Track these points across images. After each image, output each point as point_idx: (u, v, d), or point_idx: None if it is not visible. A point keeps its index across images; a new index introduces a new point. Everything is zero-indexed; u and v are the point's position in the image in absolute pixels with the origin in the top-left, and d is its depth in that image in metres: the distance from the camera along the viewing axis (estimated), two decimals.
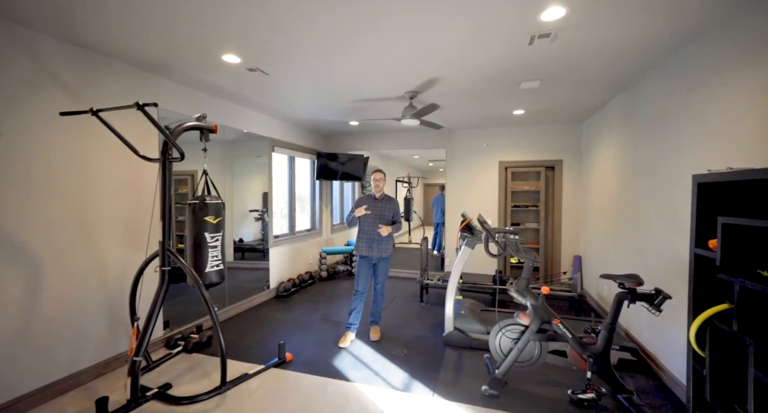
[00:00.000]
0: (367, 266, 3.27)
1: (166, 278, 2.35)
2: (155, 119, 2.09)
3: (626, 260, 3.26)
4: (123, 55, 2.56)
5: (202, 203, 2.49)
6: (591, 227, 4.41)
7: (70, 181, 2.37)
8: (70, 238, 2.36)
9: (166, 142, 2.31)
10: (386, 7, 1.90)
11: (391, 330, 3.50)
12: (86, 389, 2.37)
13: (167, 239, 2.35)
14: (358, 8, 1.91)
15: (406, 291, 4.89)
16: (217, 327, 2.30)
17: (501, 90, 3.37)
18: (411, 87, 3.28)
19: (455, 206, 5.43)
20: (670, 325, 2.45)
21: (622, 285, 2.21)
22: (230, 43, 2.37)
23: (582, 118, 4.54)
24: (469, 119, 4.63)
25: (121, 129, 2.35)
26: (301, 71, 2.90)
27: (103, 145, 2.54)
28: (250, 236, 4.61)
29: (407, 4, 1.87)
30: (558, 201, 5.02)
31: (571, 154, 4.94)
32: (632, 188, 3.17)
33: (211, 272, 2.56)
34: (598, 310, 3.99)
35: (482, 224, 2.54)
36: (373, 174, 3.29)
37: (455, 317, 3.21)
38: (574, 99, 3.68)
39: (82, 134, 2.43)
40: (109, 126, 2.22)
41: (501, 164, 5.21)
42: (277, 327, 3.55)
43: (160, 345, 3.01)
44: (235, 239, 4.48)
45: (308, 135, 5.51)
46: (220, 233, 2.60)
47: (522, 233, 5.22)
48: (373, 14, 1.97)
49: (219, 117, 3.68)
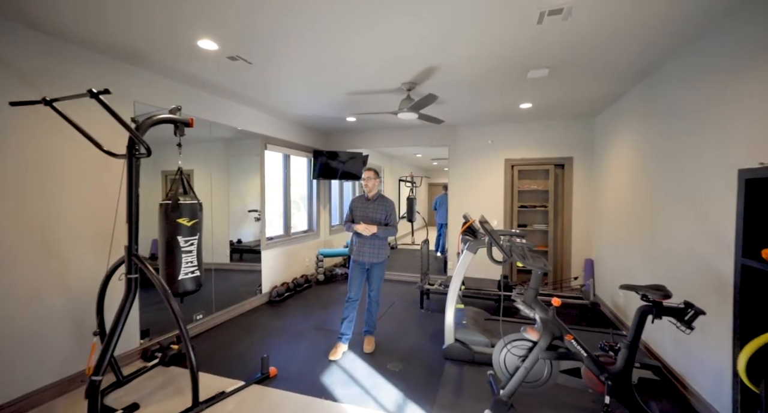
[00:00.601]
0: (360, 272, 3.01)
1: (133, 287, 2.13)
2: (112, 109, 1.86)
3: (646, 266, 2.96)
4: (90, 42, 2.34)
5: (175, 203, 2.27)
6: (604, 229, 4.10)
7: (26, 179, 2.15)
8: (26, 241, 2.14)
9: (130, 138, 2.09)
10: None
11: (387, 341, 3.24)
12: (45, 410, 2.15)
13: (134, 243, 2.12)
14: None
15: (406, 297, 4.63)
16: (187, 341, 2.06)
17: (506, 80, 3.09)
18: (408, 77, 3.02)
19: (458, 206, 5.15)
20: (700, 342, 2.15)
21: (645, 298, 1.92)
22: (205, 26, 2.13)
23: (595, 112, 4.23)
24: (473, 114, 4.35)
25: (92, 122, 2.14)
26: (287, 60, 2.66)
27: (66, 140, 2.31)
28: (249, 237, 4.45)
29: None
30: (568, 201, 4.72)
31: (582, 151, 4.63)
32: (652, 186, 2.87)
33: (185, 280, 2.34)
34: (613, 320, 3.69)
35: (483, 226, 2.27)
36: (363, 173, 3.03)
37: (456, 327, 2.94)
38: (586, 90, 3.38)
39: (41, 128, 2.21)
40: (66, 118, 2.00)
41: (507, 162, 4.91)
42: (265, 336, 3.32)
43: (136, 357, 2.79)
44: (233, 240, 4.28)
45: (304, 132, 5.27)
46: (195, 236, 2.38)
47: (529, 236, 4.92)
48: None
49: (205, 112, 3.46)
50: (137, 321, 2.84)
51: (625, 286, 2.01)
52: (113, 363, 2.36)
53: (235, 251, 4.34)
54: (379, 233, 2.90)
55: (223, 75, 2.95)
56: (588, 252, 4.60)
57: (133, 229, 2.12)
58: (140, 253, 2.16)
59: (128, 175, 2.09)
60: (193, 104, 3.32)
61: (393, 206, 3.04)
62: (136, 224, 2.13)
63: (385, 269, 3.09)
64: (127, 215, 2.10)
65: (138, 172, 2.13)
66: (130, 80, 2.74)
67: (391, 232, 2.97)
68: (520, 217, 4.96)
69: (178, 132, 2.33)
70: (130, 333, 2.79)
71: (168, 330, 3.16)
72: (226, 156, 4.18)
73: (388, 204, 3.02)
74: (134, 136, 1.97)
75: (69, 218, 2.37)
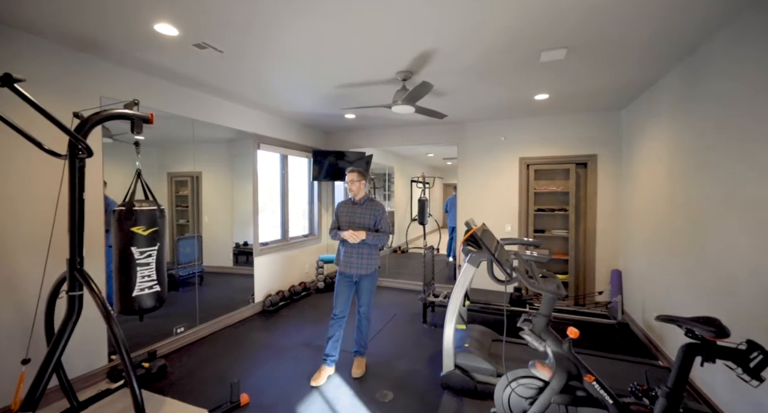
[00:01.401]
0: (346, 286, 2.67)
1: (76, 306, 1.87)
2: (31, 98, 1.59)
3: (690, 288, 2.47)
4: (44, 31, 2.12)
5: (129, 210, 2.00)
6: (635, 236, 3.58)
7: None
8: None
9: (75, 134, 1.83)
10: None
11: (380, 362, 2.88)
12: None
13: (77, 255, 1.87)
14: None
15: (409, 308, 4.25)
16: (130, 372, 1.77)
17: (517, 65, 2.67)
18: (403, 65, 2.66)
19: (468, 210, 4.73)
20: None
21: (691, 333, 1.48)
22: (158, 7, 1.85)
23: (623, 102, 3.71)
24: (482, 107, 3.93)
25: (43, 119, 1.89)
26: (262, 48, 2.36)
27: (16, 139, 2.09)
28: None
29: None
30: (591, 204, 4.21)
31: (608, 147, 4.11)
32: (695, 190, 2.38)
33: (142, 296, 2.06)
34: (646, 343, 3.18)
35: (480, 239, 1.87)
36: (347, 174, 2.70)
37: (457, 351, 2.55)
38: (612, 76, 2.91)
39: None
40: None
41: (522, 161, 4.45)
42: (247, 354, 3.03)
43: (102, 377, 2.56)
44: (239, 243, 4.09)
45: (303, 132, 4.99)
46: (154, 246, 2.10)
47: (547, 242, 4.44)
48: None
49: (185, 109, 3.22)
50: (104, 336, 2.62)
51: (664, 317, 1.57)
52: (67, 387, 2.12)
53: (241, 253, 4.15)
54: (369, 240, 2.55)
55: (196, 66, 2.68)
56: (615, 262, 4.08)
57: (77, 239, 1.86)
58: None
59: (70, 178, 1.84)
60: (172, 101, 3.08)
61: (383, 210, 2.68)
62: (80, 233, 1.87)
63: (375, 281, 2.74)
64: (70, 223, 1.85)
65: (83, 174, 1.87)
66: (96, 74, 2.52)
67: (382, 239, 2.61)
68: (537, 221, 4.48)
69: (135, 129, 2.06)
70: (97, 350, 2.56)
71: (148, 344, 2.93)
72: (230, 157, 4.02)
73: (377, 208, 2.67)
74: (66, 131, 1.71)
75: (16, 225, 2.15)
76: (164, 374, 2.66)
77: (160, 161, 3.54)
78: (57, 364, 1.76)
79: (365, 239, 2.55)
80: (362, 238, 2.52)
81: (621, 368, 2.49)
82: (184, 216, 4.02)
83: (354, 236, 2.51)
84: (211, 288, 4.03)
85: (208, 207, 3.96)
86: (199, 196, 3.90)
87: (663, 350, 2.85)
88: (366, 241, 2.56)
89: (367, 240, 2.55)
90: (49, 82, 2.27)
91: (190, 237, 3.96)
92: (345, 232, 2.55)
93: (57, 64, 2.30)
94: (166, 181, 3.69)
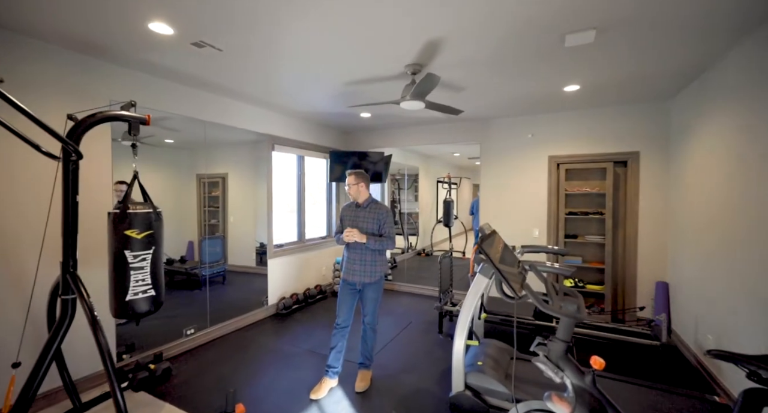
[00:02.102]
0: (350, 294, 2.51)
1: (69, 310, 1.86)
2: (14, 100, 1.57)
3: (754, 305, 2.06)
4: (44, 34, 2.14)
5: (123, 213, 1.97)
6: (686, 243, 3.12)
7: None
8: None
9: (68, 136, 1.82)
10: None
11: (386, 375, 2.70)
12: None
13: (70, 258, 1.86)
14: None
15: (427, 315, 4.03)
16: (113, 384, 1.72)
17: (538, 53, 2.38)
18: (411, 58, 2.46)
19: (492, 213, 4.41)
20: None
21: (756, 377, 1.17)
22: (152, 5, 1.80)
23: (670, 91, 3.26)
24: (505, 103, 3.62)
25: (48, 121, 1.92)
26: (262, 45, 2.27)
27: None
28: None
29: None
30: (632, 207, 3.75)
31: (652, 143, 3.64)
32: (765, 190, 1.98)
33: (137, 301, 2.02)
34: (698, 368, 2.74)
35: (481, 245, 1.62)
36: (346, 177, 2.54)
37: (468, 370, 2.31)
38: (655, 61, 2.52)
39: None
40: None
41: (552, 160, 4.07)
42: (252, 359, 2.96)
43: None
44: (263, 243, 4.15)
45: (321, 132, 4.91)
46: (149, 250, 2.05)
47: (580, 249, 4.04)
48: None
49: (197, 111, 3.22)
50: (113, 337, 2.65)
51: (719, 353, 1.25)
52: (70, 387, 2.14)
53: (264, 253, 4.17)
54: (371, 244, 2.38)
55: (202, 66, 2.64)
56: (661, 273, 3.60)
57: (70, 242, 1.85)
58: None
59: (64, 180, 1.83)
60: (181, 103, 3.09)
61: (388, 213, 2.50)
62: (73, 236, 1.86)
63: (380, 290, 2.56)
64: (63, 226, 1.84)
65: (76, 177, 1.86)
66: (104, 77, 2.55)
67: (387, 244, 2.43)
68: (569, 226, 4.08)
69: (132, 131, 2.04)
70: None
71: (156, 345, 2.96)
72: (254, 158, 4.05)
73: (381, 211, 2.49)
74: (52, 133, 1.68)
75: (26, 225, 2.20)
76: (168, 377, 2.64)
77: (190, 163, 3.68)
78: (47, 369, 1.75)
79: (367, 244, 2.38)
80: (361, 239, 2.36)
81: (665, 401, 2.13)
82: (215, 216, 4.11)
83: (350, 234, 2.35)
84: (232, 288, 4.07)
85: (233, 208, 4.03)
86: (225, 197, 4.00)
87: (721, 382, 2.42)
88: (368, 246, 2.39)
89: (368, 245, 2.39)
90: (58, 86, 2.32)
91: (213, 237, 4.03)
92: (346, 232, 2.41)
93: (65, 67, 2.35)
94: (195, 182, 3.79)
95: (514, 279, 1.54)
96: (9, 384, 1.72)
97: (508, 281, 1.51)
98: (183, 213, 3.57)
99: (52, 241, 2.11)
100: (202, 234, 3.89)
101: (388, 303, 4.51)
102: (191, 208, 3.73)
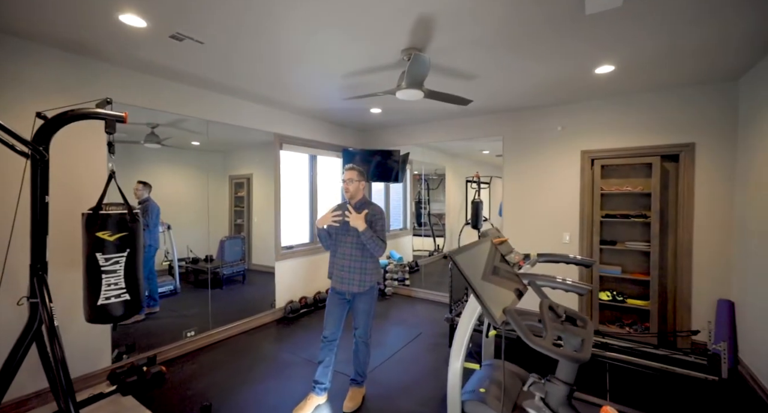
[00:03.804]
0: (338, 305, 2.29)
1: (38, 315, 1.81)
2: None
3: None
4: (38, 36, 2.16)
5: (95, 214, 1.90)
6: (758, 253, 2.54)
7: None
8: None
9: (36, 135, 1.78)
10: None
11: (382, 395, 2.44)
12: None
13: (38, 261, 1.81)
14: None
15: (438, 327, 3.70)
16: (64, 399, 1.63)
17: (554, 26, 2.00)
18: (404, 41, 2.19)
19: (516, 215, 3.99)
20: None
21: None
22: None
23: (738, 69, 2.67)
24: (527, 90, 3.21)
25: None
26: (240, 37, 2.12)
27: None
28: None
29: None
30: (686, 209, 3.16)
31: (712, 133, 3.04)
32: None
33: (110, 305, 1.94)
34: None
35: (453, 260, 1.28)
36: (344, 172, 2.31)
37: (467, 398, 1.98)
38: (715, 28, 2.03)
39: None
40: None
41: (585, 155, 3.57)
42: (246, 367, 2.84)
43: (102, 379, 2.57)
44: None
45: (333, 130, 4.75)
46: (122, 253, 1.97)
47: (619, 258, 3.50)
48: None
49: (198, 109, 3.18)
50: (108, 338, 2.64)
51: None
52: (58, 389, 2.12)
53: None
54: (366, 237, 2.13)
55: (187, 61, 2.53)
56: (723, 290, 2.99)
57: (38, 243, 1.80)
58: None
59: (32, 180, 1.79)
60: (181, 102, 3.05)
61: (381, 214, 2.24)
62: (42, 236, 1.82)
63: (373, 301, 2.30)
64: (32, 227, 1.80)
65: (46, 175, 1.81)
66: (102, 78, 2.55)
67: (377, 243, 2.15)
68: (605, 231, 3.55)
69: (107, 129, 1.97)
70: (100, 349, 2.59)
71: (162, 344, 2.94)
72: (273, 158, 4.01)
73: (374, 212, 2.23)
74: (11, 134, 1.63)
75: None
76: (160, 382, 2.58)
77: (224, 165, 3.83)
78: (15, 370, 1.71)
79: (362, 234, 2.13)
80: (360, 226, 2.11)
81: None
82: (241, 217, 4.14)
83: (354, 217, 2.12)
84: (250, 288, 4.07)
85: (257, 208, 4.04)
86: (250, 197, 4.01)
87: None
88: (363, 237, 2.13)
89: (364, 237, 2.13)
90: (55, 87, 2.33)
91: (235, 237, 4.06)
92: (319, 219, 2.24)
93: (58, 68, 2.36)
94: (227, 183, 3.86)
95: (497, 299, 1.23)
96: None
97: (483, 303, 1.19)
98: (214, 213, 3.61)
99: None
100: (230, 234, 3.94)
101: (401, 311, 4.24)
102: (223, 208, 3.78)
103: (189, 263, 3.65)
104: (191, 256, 3.64)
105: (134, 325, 3.09)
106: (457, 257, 1.29)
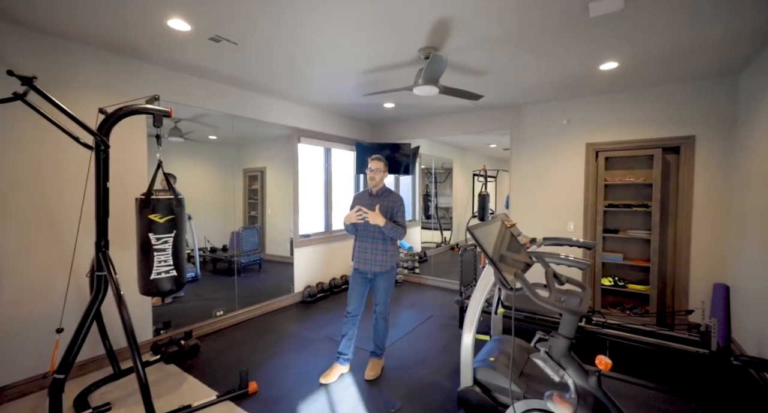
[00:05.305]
0: (361, 282, 2.52)
1: (102, 285, 2.07)
2: (49, 96, 1.76)
3: None
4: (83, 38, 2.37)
5: (147, 198, 2.14)
6: (753, 241, 2.72)
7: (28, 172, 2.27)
8: (30, 233, 2.28)
9: (99, 128, 2.02)
10: None
11: (399, 366, 2.68)
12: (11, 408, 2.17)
13: (102, 239, 2.06)
14: None
15: (448, 310, 3.93)
16: (135, 358, 1.89)
17: (561, 28, 2.18)
18: (422, 41, 2.38)
19: (523, 206, 4.18)
20: None
21: None
22: (170, 2, 1.93)
23: (738, 64, 2.82)
24: (535, 86, 3.38)
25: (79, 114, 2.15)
26: (272, 39, 2.33)
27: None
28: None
29: None
30: (686, 199, 3.33)
31: (712, 126, 3.19)
32: None
33: (161, 280, 2.19)
34: (764, 387, 2.38)
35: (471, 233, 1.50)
36: (370, 162, 2.51)
37: (478, 365, 2.21)
38: (714, 24, 2.19)
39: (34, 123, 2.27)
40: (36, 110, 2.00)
41: (590, 148, 3.74)
42: (272, 342, 3.09)
43: (146, 350, 2.84)
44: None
45: (347, 124, 4.96)
46: (171, 233, 2.21)
47: (622, 245, 3.69)
48: None
49: (226, 105, 3.40)
50: (149, 313, 2.91)
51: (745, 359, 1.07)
52: (111, 355, 2.39)
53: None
54: (387, 229, 2.36)
55: (222, 61, 2.76)
56: (719, 275, 3.17)
57: (102, 224, 2.05)
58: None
59: (96, 168, 2.03)
60: (212, 98, 3.28)
61: (401, 201, 2.45)
62: (104, 219, 2.06)
63: (392, 279, 2.53)
64: (96, 209, 2.05)
65: (107, 165, 2.06)
66: (140, 77, 2.78)
67: (398, 232, 2.38)
68: (608, 220, 3.73)
69: (155, 123, 2.20)
70: (143, 324, 2.85)
71: (189, 323, 3.20)
72: (291, 152, 4.24)
73: (394, 200, 2.45)
74: (82, 126, 1.87)
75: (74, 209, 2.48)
76: (196, 353, 2.84)
77: (238, 158, 4.01)
78: (84, 336, 1.97)
79: (383, 228, 2.35)
80: (381, 222, 2.33)
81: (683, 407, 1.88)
82: (255, 208, 4.38)
83: (373, 215, 2.32)
84: (266, 275, 4.32)
85: (271, 200, 4.28)
86: (264, 190, 4.25)
87: None
88: (384, 230, 2.36)
89: (384, 229, 2.36)
90: (100, 86, 2.57)
91: (251, 228, 4.30)
92: (349, 215, 2.42)
93: (104, 68, 2.59)
94: (242, 176, 4.09)
95: (508, 269, 1.44)
96: (54, 347, 1.96)
97: (497, 268, 1.40)
98: (229, 205, 3.84)
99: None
100: (244, 225, 4.18)
101: (412, 296, 4.47)
102: (238, 201, 4.02)
103: (208, 252, 3.91)
104: (209, 246, 3.89)
105: (168, 306, 3.37)
106: (475, 230, 1.50)
